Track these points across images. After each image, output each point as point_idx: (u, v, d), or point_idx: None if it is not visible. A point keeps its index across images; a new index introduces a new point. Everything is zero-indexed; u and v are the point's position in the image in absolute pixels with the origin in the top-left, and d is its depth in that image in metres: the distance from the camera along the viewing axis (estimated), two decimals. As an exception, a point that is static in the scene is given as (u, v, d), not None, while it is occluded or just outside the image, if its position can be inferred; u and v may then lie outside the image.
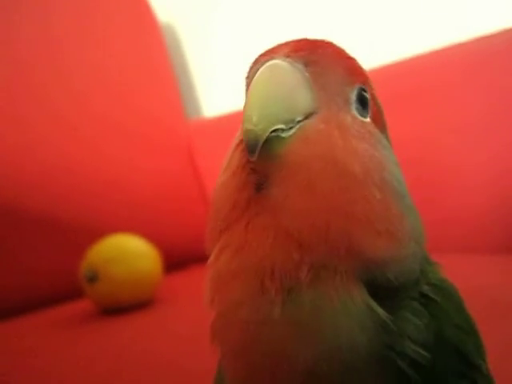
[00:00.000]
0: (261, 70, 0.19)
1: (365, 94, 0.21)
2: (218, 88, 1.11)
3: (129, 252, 0.64)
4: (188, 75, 1.15)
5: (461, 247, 0.68)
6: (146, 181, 0.94)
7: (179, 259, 0.92)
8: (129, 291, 0.64)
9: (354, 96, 0.20)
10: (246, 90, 0.22)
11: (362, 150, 0.19)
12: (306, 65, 0.19)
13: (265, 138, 0.17)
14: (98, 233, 0.80)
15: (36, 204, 0.80)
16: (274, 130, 0.18)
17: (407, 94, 0.72)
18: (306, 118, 0.18)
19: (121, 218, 0.88)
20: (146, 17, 1.03)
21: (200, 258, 0.94)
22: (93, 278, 0.62)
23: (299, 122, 0.18)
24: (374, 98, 0.21)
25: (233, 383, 0.19)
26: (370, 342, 0.17)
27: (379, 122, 0.21)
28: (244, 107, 0.19)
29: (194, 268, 0.91)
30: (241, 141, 0.20)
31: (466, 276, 0.55)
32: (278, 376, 0.18)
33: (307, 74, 0.19)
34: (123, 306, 0.64)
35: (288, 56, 0.19)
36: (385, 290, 0.18)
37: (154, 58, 1.03)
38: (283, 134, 0.18)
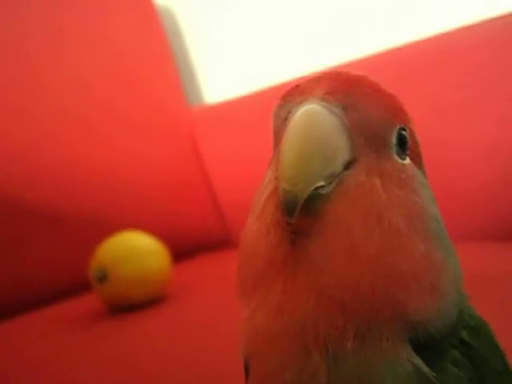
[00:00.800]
0: (295, 116, 0.17)
1: (404, 133, 0.19)
2: (220, 74, 1.09)
3: (137, 250, 0.64)
4: (188, 61, 1.13)
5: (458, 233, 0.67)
6: (149, 169, 0.93)
7: (185, 249, 0.92)
8: (138, 290, 0.64)
9: (394, 139, 0.19)
10: (276, 128, 0.20)
11: (405, 198, 0.18)
12: (345, 109, 0.18)
13: (304, 198, 0.16)
14: (102, 224, 0.81)
15: (38, 197, 0.80)
16: (314, 188, 0.16)
17: (405, 79, 0.72)
18: (346, 167, 0.17)
19: (123, 208, 0.87)
20: (143, 0, 1.01)
21: (205, 247, 0.95)
22: (102, 278, 0.62)
23: (340, 174, 0.17)
24: (412, 133, 0.20)
25: None
26: None
27: (416, 157, 0.20)
28: (280, 162, 0.17)
29: (201, 257, 0.92)
30: (274, 190, 0.18)
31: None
32: None
33: (346, 121, 0.17)
34: (133, 304, 0.64)
35: (324, 99, 0.17)
36: (426, 343, 0.17)
37: (152, 43, 1.01)
38: (323, 191, 0.17)
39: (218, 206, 1.00)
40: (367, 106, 0.18)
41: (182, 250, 0.90)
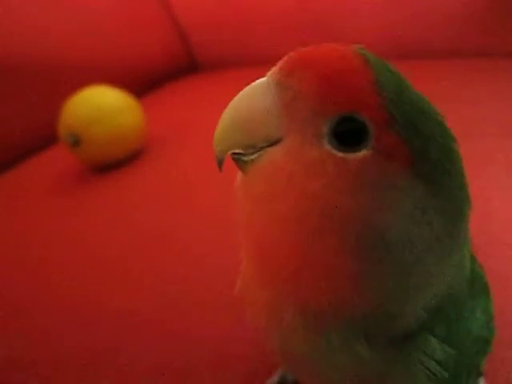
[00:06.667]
0: (244, 89, 0.18)
1: (354, 123, 0.16)
2: None
3: (107, 110, 0.61)
4: None
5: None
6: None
7: (151, 80, 0.90)
8: (114, 149, 0.62)
9: (326, 128, 0.17)
10: None
11: (314, 190, 0.16)
12: (282, 89, 0.17)
13: (223, 159, 0.18)
14: (65, 65, 0.77)
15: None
16: (238, 153, 0.18)
17: None
18: (271, 145, 0.18)
19: (88, 43, 0.80)
20: None
21: (172, 75, 0.99)
22: (75, 143, 0.59)
23: (263, 148, 0.18)
24: (389, 125, 0.16)
25: None
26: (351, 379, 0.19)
27: (402, 154, 0.16)
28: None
29: (170, 87, 0.91)
30: None
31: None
32: None
33: (280, 100, 0.17)
34: (111, 162, 0.62)
35: (272, 76, 0.18)
36: (381, 333, 0.19)
37: None
38: (244, 158, 0.18)
39: (181, 27, 0.95)
40: (303, 88, 0.17)
41: (149, 82, 0.89)
